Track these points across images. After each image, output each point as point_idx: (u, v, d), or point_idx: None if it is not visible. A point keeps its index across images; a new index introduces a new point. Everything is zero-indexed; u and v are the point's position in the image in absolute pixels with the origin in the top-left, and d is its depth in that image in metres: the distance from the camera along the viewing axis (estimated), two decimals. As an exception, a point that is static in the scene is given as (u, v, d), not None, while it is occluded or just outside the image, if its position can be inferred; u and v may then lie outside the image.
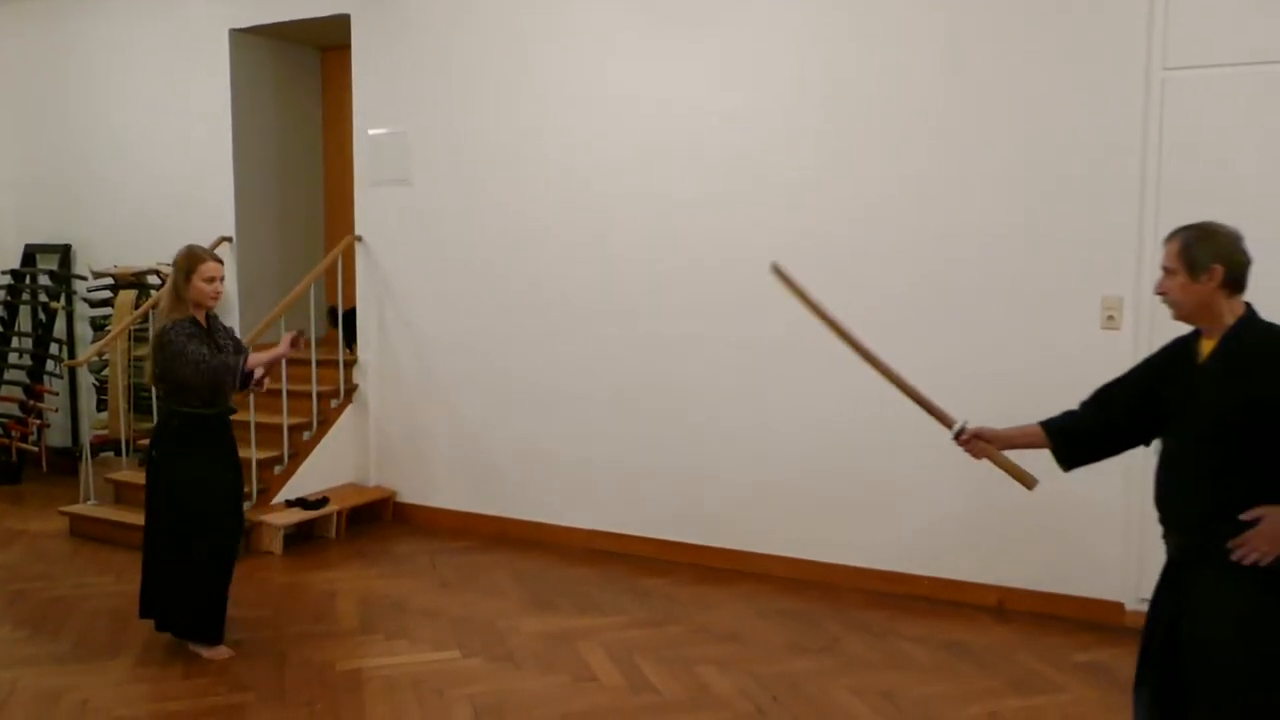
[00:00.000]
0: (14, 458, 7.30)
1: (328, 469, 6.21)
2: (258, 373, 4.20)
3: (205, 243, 6.65)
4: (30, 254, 7.72)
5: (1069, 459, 2.85)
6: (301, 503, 5.85)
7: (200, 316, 4.16)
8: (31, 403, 7.35)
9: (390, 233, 6.30)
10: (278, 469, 5.96)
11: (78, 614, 4.71)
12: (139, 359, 6.72)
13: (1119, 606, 4.61)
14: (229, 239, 6.86)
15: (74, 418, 7.59)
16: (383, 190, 6.30)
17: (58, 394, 7.47)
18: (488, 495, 6.06)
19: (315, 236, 7.50)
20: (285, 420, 5.98)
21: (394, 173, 6.23)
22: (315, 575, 5.30)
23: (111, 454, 6.68)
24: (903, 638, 4.45)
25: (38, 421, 7.35)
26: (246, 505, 5.68)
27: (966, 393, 4.77)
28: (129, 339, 6.68)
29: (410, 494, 6.33)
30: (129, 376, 6.70)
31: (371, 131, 6.30)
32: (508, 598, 4.96)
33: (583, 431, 5.75)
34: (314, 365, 6.14)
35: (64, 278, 7.48)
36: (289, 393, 6.00)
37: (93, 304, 7.21)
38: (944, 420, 3.07)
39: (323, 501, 5.91)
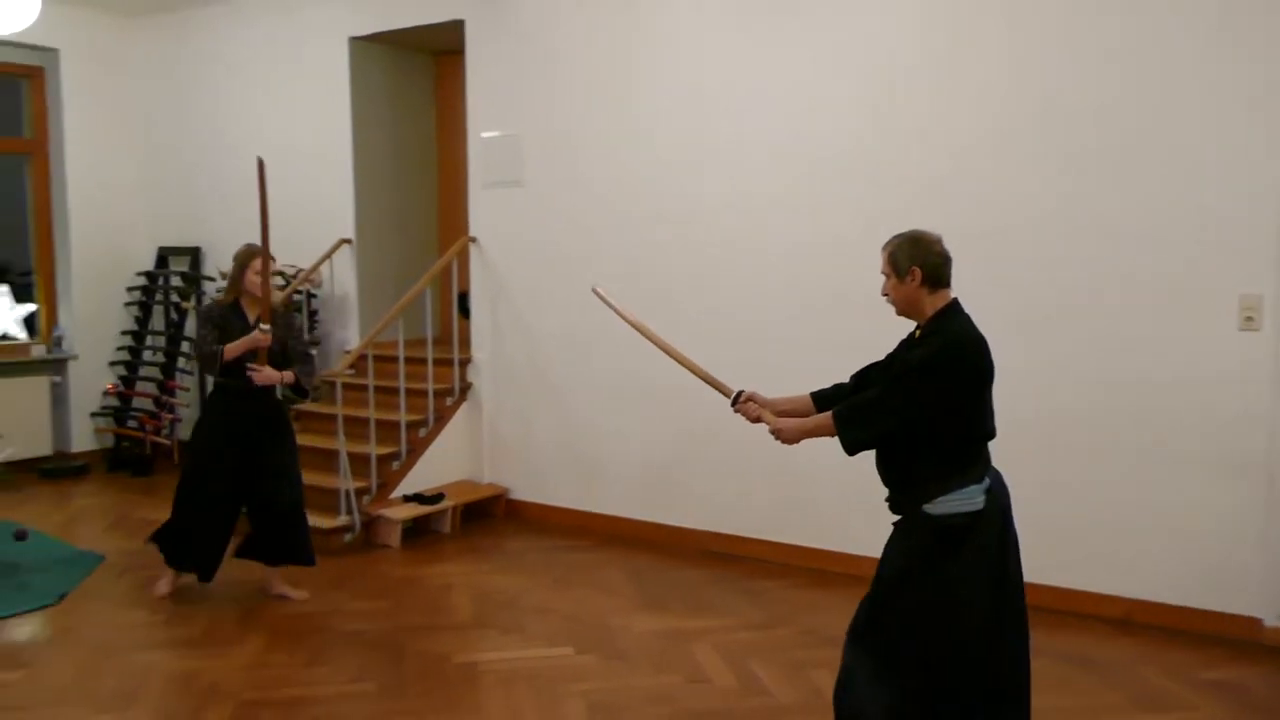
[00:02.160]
0: (147, 450, 7.64)
1: (443, 465, 6.34)
2: (262, 374, 4.58)
3: (326, 246, 6.99)
4: (163, 256, 8.07)
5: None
6: (418, 498, 5.98)
7: (250, 304, 4.68)
8: (163, 398, 7.68)
9: (503, 234, 6.40)
10: (395, 464, 6.11)
11: (208, 600, 4.90)
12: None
13: (1256, 622, 4.40)
14: (349, 241, 7.06)
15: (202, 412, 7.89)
16: (495, 192, 6.40)
17: (188, 389, 7.78)
18: (599, 494, 6.11)
19: (430, 238, 7.66)
20: (403, 417, 6.13)
21: (506, 174, 6.33)
22: (431, 569, 5.41)
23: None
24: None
25: (169, 416, 7.67)
26: (366, 499, 5.87)
27: (1098, 395, 4.66)
28: (255, 337, 6.92)
29: (522, 491, 6.42)
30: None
31: (484, 134, 6.41)
32: (619, 596, 4.98)
33: (694, 431, 5.74)
34: (430, 364, 6.27)
35: (193, 279, 7.80)
36: (406, 390, 6.15)
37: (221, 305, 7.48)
38: (724, 390, 3.49)
39: (438, 497, 6.03)
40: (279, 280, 7.12)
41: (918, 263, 2.98)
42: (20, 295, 7.91)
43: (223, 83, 7.72)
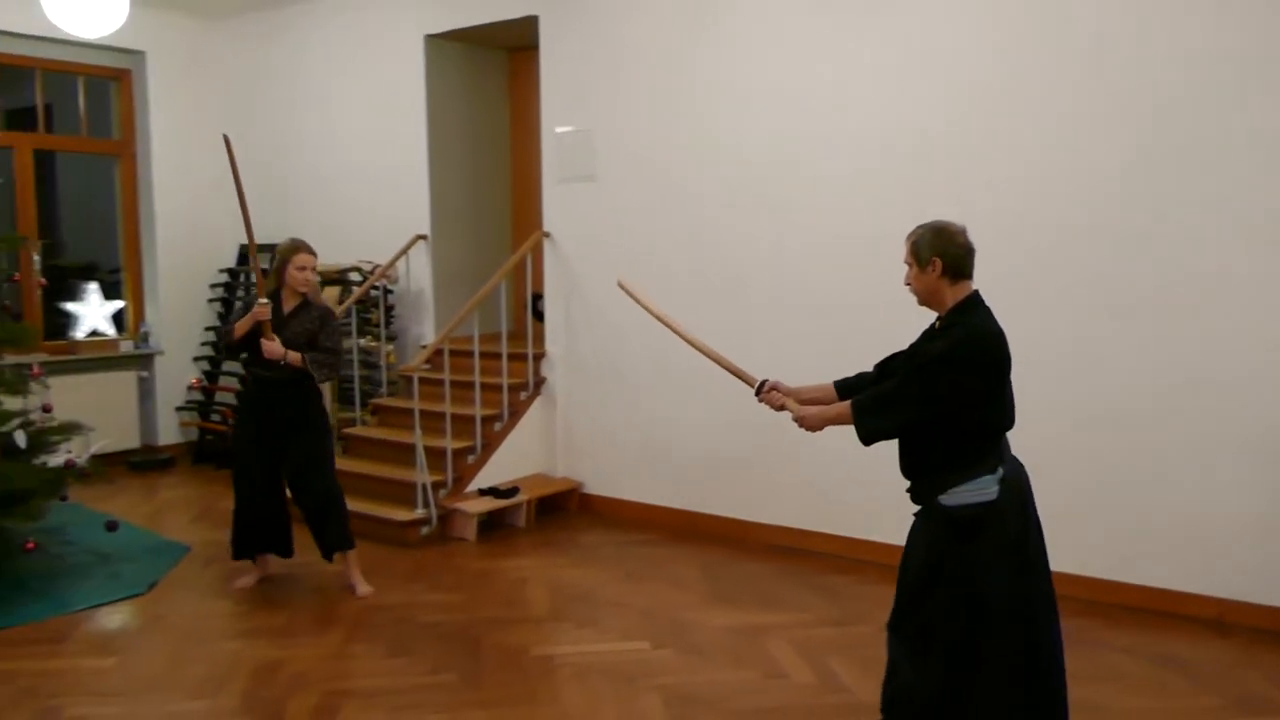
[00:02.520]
0: (229, 444, 7.81)
1: (517, 459, 6.39)
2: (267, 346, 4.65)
3: (401, 242, 7.08)
4: (244, 253, 8.25)
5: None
6: (493, 491, 6.04)
7: (290, 296, 4.81)
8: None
9: (576, 228, 6.42)
10: (471, 458, 6.17)
11: (291, 590, 5.00)
12: (343, 352, 7.08)
13: (1357, 624, 4.24)
14: (424, 237, 7.15)
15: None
16: (569, 187, 6.42)
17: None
18: (672, 488, 6.10)
19: (503, 234, 7.72)
20: (478, 412, 6.18)
21: (580, 169, 6.34)
22: (506, 562, 5.46)
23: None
24: (1110, 648, 4.22)
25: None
26: (442, 492, 5.94)
27: (1188, 390, 4.52)
28: (333, 333, 7.04)
29: (596, 485, 6.44)
30: (333, 368, 7.06)
31: (558, 129, 6.43)
32: (694, 591, 4.97)
33: (765, 425, 5.66)
34: (504, 359, 6.32)
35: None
36: (481, 385, 6.21)
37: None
38: (748, 380, 3.57)
39: (513, 491, 6.08)
40: (356, 276, 7.25)
41: (939, 253, 3.00)
42: (109, 292, 8.16)
43: (301, 82, 7.87)
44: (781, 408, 3.41)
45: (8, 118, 8.23)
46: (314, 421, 4.91)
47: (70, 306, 7.92)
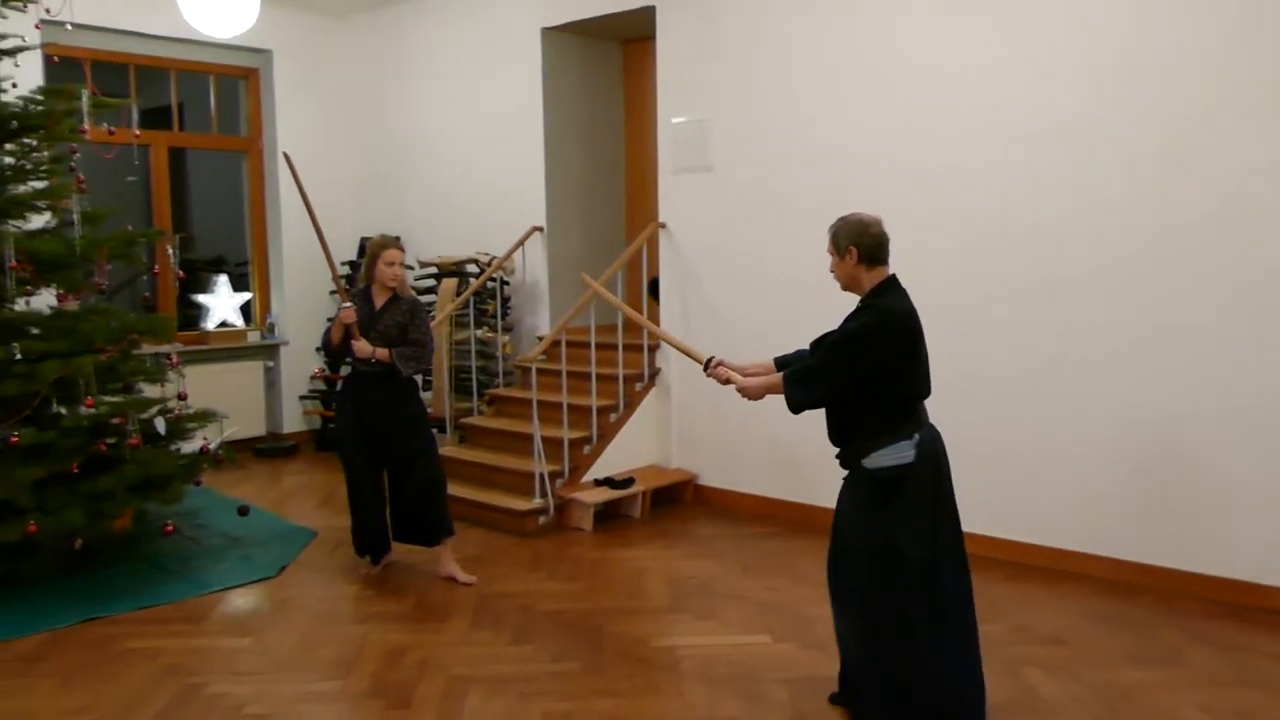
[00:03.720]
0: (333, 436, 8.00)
1: (632, 450, 6.39)
2: (356, 347, 4.77)
3: (517, 234, 7.15)
4: (364, 246, 8.43)
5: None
6: (609, 482, 6.06)
7: (380, 291, 4.89)
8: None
9: (692, 219, 6.38)
10: (587, 449, 6.20)
11: (414, 577, 5.09)
12: (460, 343, 7.20)
13: None
14: (540, 229, 7.20)
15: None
16: (685, 177, 6.39)
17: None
18: (789, 481, 6.03)
19: (618, 225, 7.74)
20: (594, 402, 6.21)
21: (696, 160, 6.31)
22: (623, 553, 5.46)
23: (435, 430, 7.17)
24: (1257, 654, 4.02)
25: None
26: (559, 482, 5.98)
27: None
28: (451, 324, 7.16)
29: (711, 477, 6.40)
30: (451, 359, 7.18)
31: (674, 120, 6.40)
32: (812, 584, 4.88)
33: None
34: (620, 350, 6.33)
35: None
36: (597, 376, 6.23)
37: (419, 291, 7.76)
38: (696, 358, 3.85)
39: (629, 481, 6.08)
40: (473, 268, 7.35)
41: (854, 243, 3.35)
42: (237, 285, 8.44)
43: (422, 76, 8.01)
44: (727, 381, 3.70)
45: (144, 117, 8.56)
46: (411, 413, 4.97)
47: (201, 298, 8.22)
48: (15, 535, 4.57)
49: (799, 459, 5.97)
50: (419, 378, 5.21)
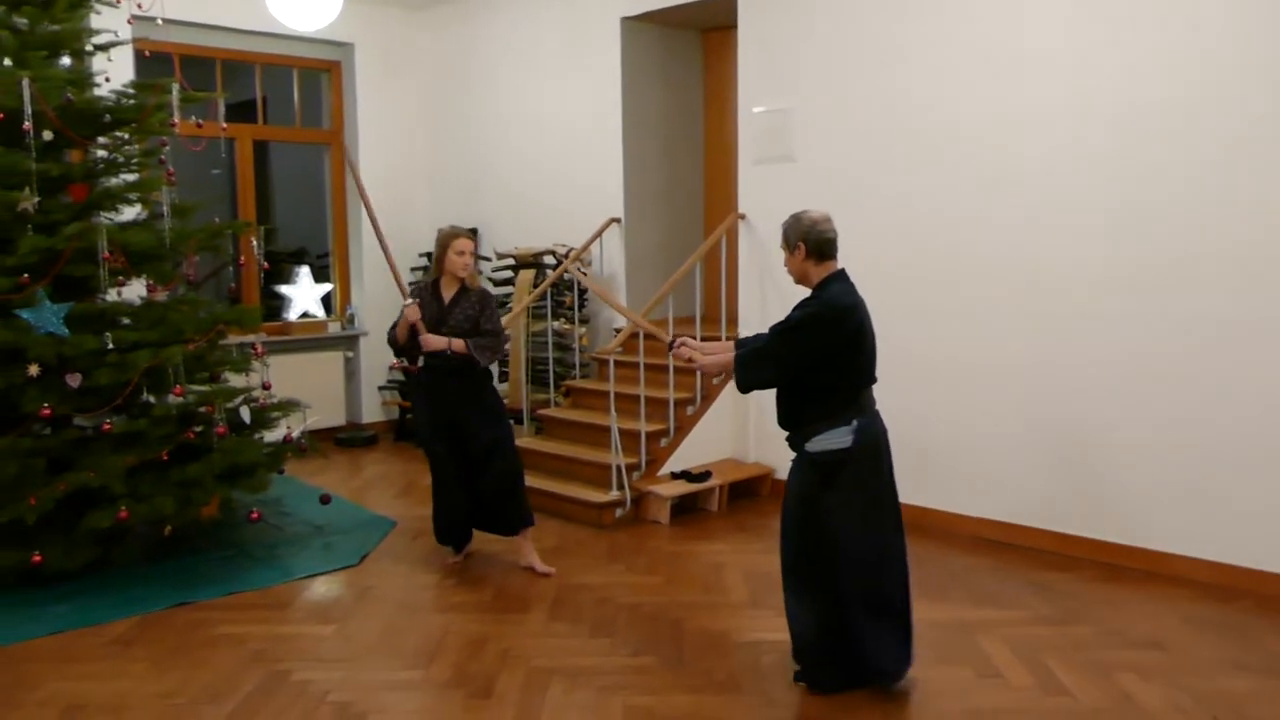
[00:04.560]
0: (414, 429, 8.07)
1: (709, 444, 6.34)
2: (426, 341, 4.75)
3: (596, 225, 7.13)
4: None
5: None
6: (686, 475, 6.01)
7: (449, 283, 4.89)
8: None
9: (773, 210, 6.25)
10: (664, 441, 6.16)
11: (493, 568, 5.11)
12: (537, 335, 7.21)
13: None
14: (618, 220, 7.18)
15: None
16: (766, 168, 6.31)
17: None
18: (868, 476, 5.92)
19: (696, 216, 7.68)
20: (671, 394, 6.17)
21: (777, 150, 6.22)
22: (700, 546, 5.42)
23: (512, 421, 7.19)
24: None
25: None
26: (636, 475, 5.95)
27: None
28: (528, 316, 7.18)
29: (786, 471, 6.30)
30: (528, 350, 7.20)
31: (755, 109, 6.32)
32: (896, 583, 4.80)
33: (972, 412, 5.47)
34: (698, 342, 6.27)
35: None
36: (674, 369, 6.19)
37: (496, 283, 7.80)
38: (660, 338, 4.08)
39: (705, 475, 6.03)
40: (551, 259, 7.35)
41: (802, 239, 3.56)
42: (319, 276, 8.56)
43: (500, 67, 8.03)
44: (690, 360, 3.88)
45: (230, 111, 8.71)
46: (487, 404, 4.97)
47: (283, 289, 8.36)
48: (108, 521, 4.68)
49: (880, 454, 5.86)
50: (494, 368, 5.21)
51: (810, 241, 3.56)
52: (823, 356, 3.46)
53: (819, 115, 6.01)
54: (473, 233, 8.19)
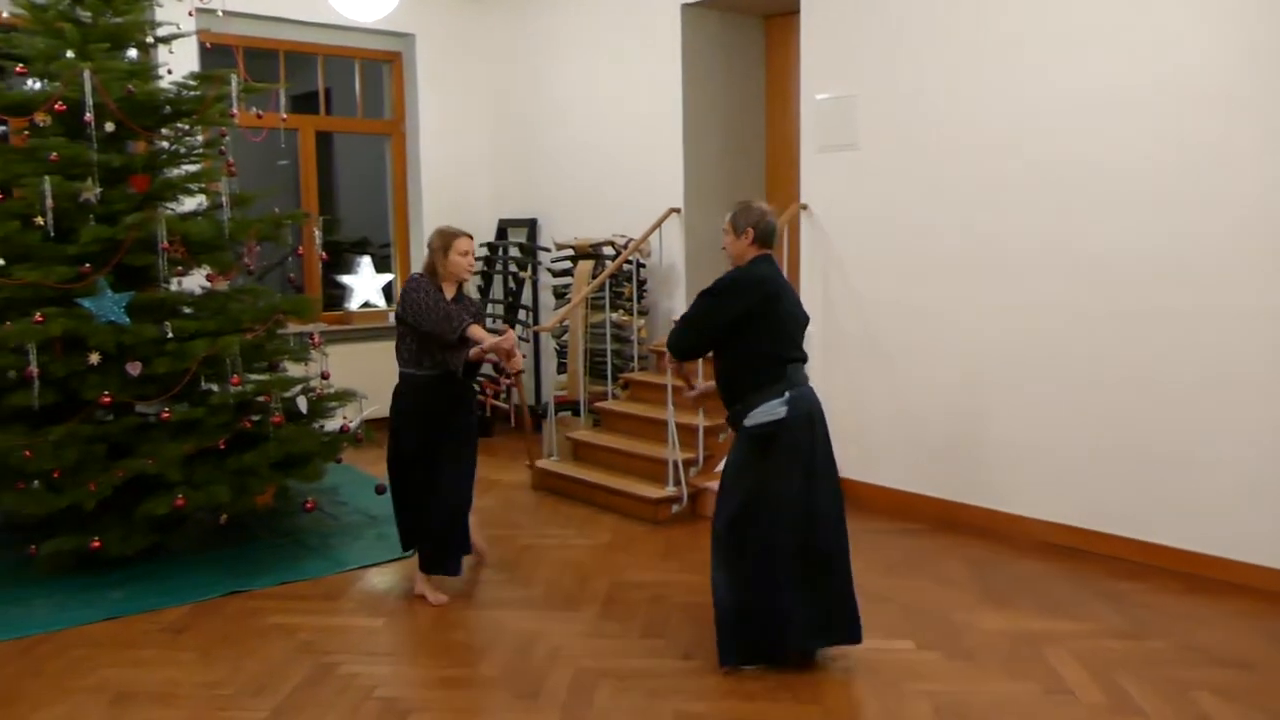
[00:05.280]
0: (487, 413, 8.06)
1: (768, 439, 6.20)
2: (478, 341, 4.36)
3: (654, 216, 7.02)
4: (503, 228, 8.47)
5: None
6: (744, 472, 5.88)
7: (449, 286, 4.51)
8: (502, 363, 8.05)
9: (836, 200, 6.13)
10: (721, 437, 6.04)
11: (545, 563, 5.04)
12: (595, 326, 7.13)
13: None
14: (677, 210, 7.06)
15: (537, 379, 8.25)
16: (829, 157, 6.14)
17: (525, 356, 8.11)
18: (933, 476, 5.74)
19: (757, 206, 7.52)
20: (730, 389, 6.04)
21: (841, 138, 6.05)
22: (758, 545, 5.28)
23: (570, 414, 7.14)
24: None
25: (507, 381, 8.04)
26: (692, 470, 5.85)
27: None
28: (586, 307, 7.10)
29: (849, 469, 6.12)
30: (587, 342, 7.12)
31: (818, 96, 6.15)
32: (961, 589, 4.63)
33: (1042, 411, 5.25)
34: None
35: (530, 249, 8.12)
36: (734, 362, 6.06)
37: (555, 273, 7.74)
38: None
39: (764, 472, 5.90)
40: (609, 250, 7.26)
41: (752, 225, 3.82)
42: (380, 266, 8.59)
43: (560, 57, 7.96)
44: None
45: (294, 102, 8.78)
46: (471, 420, 4.70)
47: (345, 279, 8.39)
48: (164, 508, 4.71)
49: (943, 453, 5.68)
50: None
51: (759, 228, 3.81)
52: (736, 321, 3.70)
53: (884, 102, 5.83)
54: (533, 223, 8.17)
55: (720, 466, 3.96)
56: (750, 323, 3.69)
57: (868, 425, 6.03)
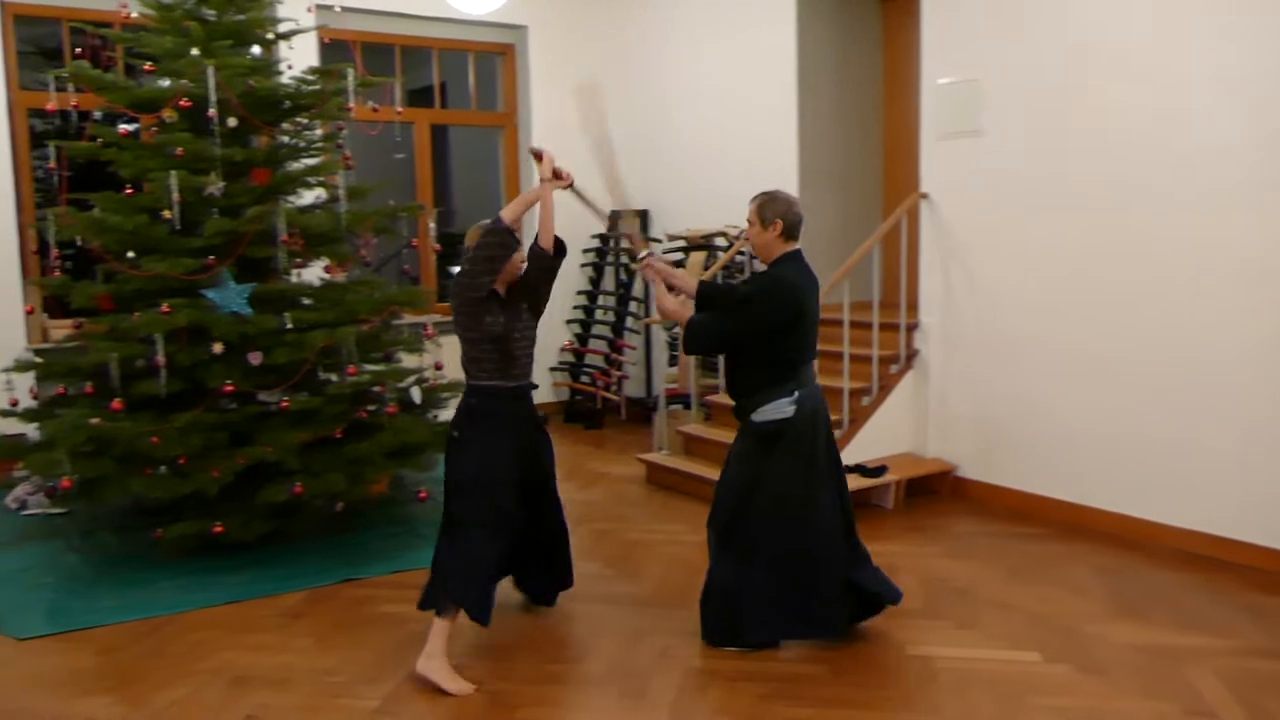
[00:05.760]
0: (599, 405, 8.04)
1: (885, 436, 6.02)
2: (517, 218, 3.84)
3: (770, 205, 6.86)
4: (613, 219, 8.41)
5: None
6: (860, 469, 5.72)
7: (503, 290, 3.91)
8: (614, 356, 8.04)
9: (958, 189, 5.90)
10: (837, 433, 5.84)
11: (654, 559, 4.98)
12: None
13: None
14: (791, 200, 6.90)
15: (648, 371, 8.20)
16: (951, 143, 5.90)
17: (635, 349, 8.08)
18: (1060, 477, 5.48)
19: (872, 195, 7.32)
20: (846, 384, 5.88)
21: (964, 124, 5.81)
22: (874, 546, 4.99)
23: (680, 407, 7.06)
24: None
25: (618, 373, 8.01)
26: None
27: None
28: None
29: (970, 469, 5.93)
30: (697, 335, 7.02)
31: (940, 80, 5.92)
32: (1090, 598, 4.39)
33: (1182, 411, 4.94)
34: (875, 329, 5.96)
35: (642, 240, 8.05)
36: (851, 356, 5.89)
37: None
38: (638, 244, 4.27)
39: (881, 469, 5.72)
40: (721, 241, 7.15)
41: (781, 216, 3.73)
42: (492, 257, 8.62)
43: (672, 45, 7.87)
44: (651, 280, 4.05)
45: (409, 96, 8.90)
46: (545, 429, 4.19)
47: (456, 270, 8.46)
48: (283, 496, 4.80)
49: (1071, 453, 5.41)
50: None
51: (788, 219, 3.73)
52: (767, 329, 3.67)
53: (1012, 85, 5.57)
54: (645, 214, 8.11)
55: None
56: (777, 329, 3.69)
57: (987, 421, 5.80)
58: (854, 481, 5.57)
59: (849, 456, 5.84)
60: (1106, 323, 5.21)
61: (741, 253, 6.85)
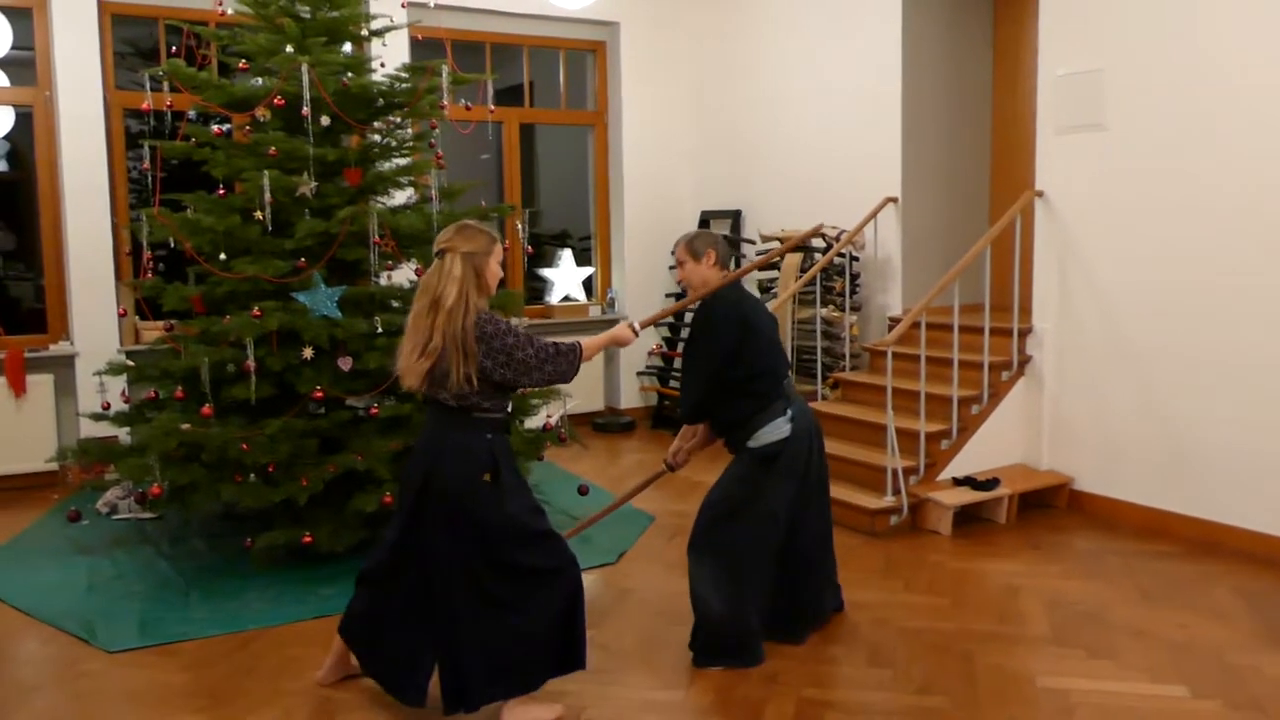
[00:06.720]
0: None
1: (995, 447, 5.70)
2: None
3: (869, 206, 6.59)
4: (705, 220, 8.20)
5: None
6: (970, 482, 5.42)
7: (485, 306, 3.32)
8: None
9: (1077, 187, 5.55)
10: (945, 444, 5.58)
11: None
12: (804, 323, 6.78)
13: None
14: (894, 199, 6.61)
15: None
16: (1070, 138, 5.56)
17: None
18: (1190, 492, 5.11)
19: (979, 194, 6.99)
20: (955, 392, 5.58)
21: (1084, 118, 5.47)
22: (989, 565, 4.82)
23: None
24: None
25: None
26: (913, 479, 5.44)
27: None
28: (794, 302, 6.75)
29: (1089, 482, 5.58)
30: (794, 339, 6.78)
31: (1059, 72, 5.58)
32: (1235, 625, 4.05)
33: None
34: (986, 334, 5.65)
35: (735, 241, 7.82)
36: (960, 363, 5.59)
37: (760, 267, 7.41)
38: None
39: (993, 483, 5.41)
40: (819, 242, 6.89)
41: (713, 246, 3.82)
42: (580, 259, 8.48)
43: (768, 40, 7.62)
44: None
45: (498, 96, 8.80)
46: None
47: (545, 273, 8.33)
48: (373, 505, 4.66)
49: (1201, 465, 5.05)
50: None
51: (719, 249, 3.81)
52: (722, 354, 3.68)
53: (1138, 76, 5.22)
54: (737, 215, 7.87)
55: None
56: (732, 353, 3.69)
57: (1110, 433, 5.44)
58: (964, 495, 5.31)
59: (957, 468, 5.55)
60: (1240, 330, 4.84)
61: (841, 254, 6.58)
